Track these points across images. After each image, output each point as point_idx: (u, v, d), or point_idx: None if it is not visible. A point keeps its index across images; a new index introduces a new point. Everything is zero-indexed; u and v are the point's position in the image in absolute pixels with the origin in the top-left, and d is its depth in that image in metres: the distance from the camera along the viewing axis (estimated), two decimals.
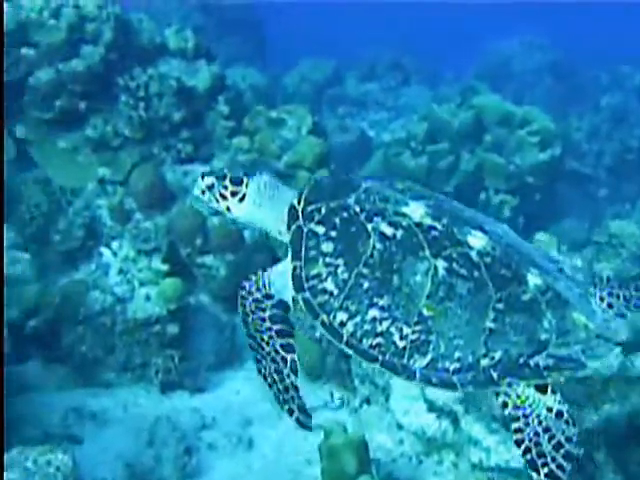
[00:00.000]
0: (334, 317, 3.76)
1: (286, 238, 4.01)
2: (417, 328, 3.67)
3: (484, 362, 3.64)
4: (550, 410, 3.65)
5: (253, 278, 4.02)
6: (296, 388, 3.90)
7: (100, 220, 8.88)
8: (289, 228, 3.97)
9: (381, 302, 3.72)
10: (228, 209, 4.17)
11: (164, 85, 9.68)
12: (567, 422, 3.63)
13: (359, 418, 7.58)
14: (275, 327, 3.92)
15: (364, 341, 3.72)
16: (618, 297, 4.01)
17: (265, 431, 7.61)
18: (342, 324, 3.75)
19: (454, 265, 3.71)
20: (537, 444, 3.59)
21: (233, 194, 4.13)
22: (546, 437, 3.59)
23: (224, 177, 4.13)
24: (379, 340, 3.70)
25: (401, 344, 3.68)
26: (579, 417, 4.89)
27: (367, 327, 3.72)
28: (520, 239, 4.08)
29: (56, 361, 7.78)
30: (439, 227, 3.77)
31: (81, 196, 9.19)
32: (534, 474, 3.57)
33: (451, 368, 3.65)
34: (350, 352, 3.77)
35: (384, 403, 7.43)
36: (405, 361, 3.68)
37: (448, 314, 3.67)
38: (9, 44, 9.26)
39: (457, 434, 6.86)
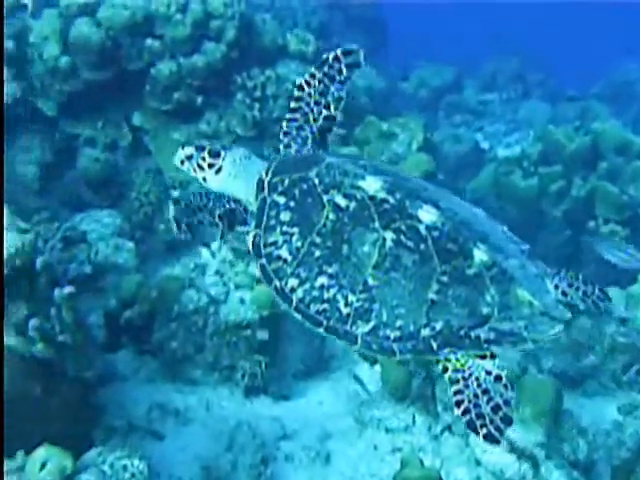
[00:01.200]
0: (286, 283, 3.92)
1: (254, 208, 4.18)
2: (362, 296, 3.80)
3: (425, 332, 3.75)
4: (489, 374, 3.74)
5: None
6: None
7: None
8: (256, 198, 4.15)
9: (330, 270, 3.86)
10: (204, 179, 4.34)
11: (280, 87, 9.76)
12: (505, 386, 3.72)
13: (439, 446, 7.49)
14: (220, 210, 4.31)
15: (311, 307, 3.86)
16: (577, 289, 4.06)
17: (344, 448, 7.58)
18: (292, 290, 3.90)
19: (402, 237, 3.82)
20: (476, 405, 3.67)
21: (210, 166, 4.32)
22: (485, 399, 3.68)
23: (203, 149, 4.32)
24: (325, 306, 3.84)
25: (345, 311, 3.81)
26: None
27: (315, 293, 3.87)
28: (486, 221, 4.18)
29: (147, 353, 7.93)
30: (391, 200, 3.89)
31: (189, 189, 9.33)
32: (473, 434, 3.64)
33: (392, 336, 3.77)
34: (298, 316, 3.90)
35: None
36: (348, 327, 3.81)
37: (392, 284, 3.79)
38: (136, 34, 9.48)
39: None
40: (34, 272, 5.80)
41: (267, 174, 4.15)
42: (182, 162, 4.35)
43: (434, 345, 3.75)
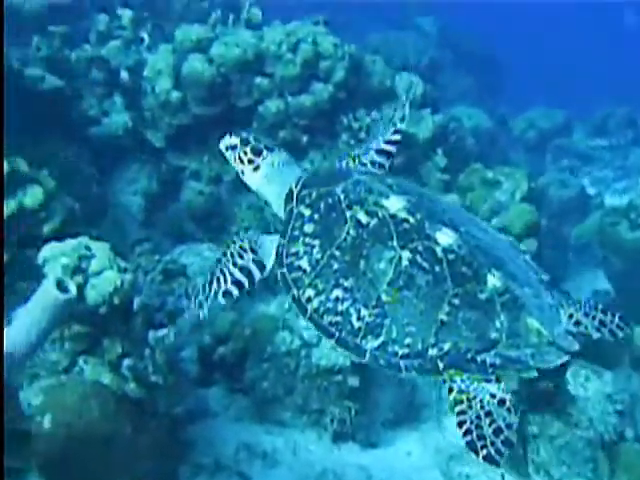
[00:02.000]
0: (303, 292, 4.03)
1: (282, 216, 4.34)
2: (374, 311, 3.88)
3: (432, 351, 3.80)
4: (493, 397, 3.76)
5: (251, 232, 4.31)
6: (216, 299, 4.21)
7: None
8: (285, 208, 4.31)
9: (346, 284, 3.96)
10: (242, 172, 4.51)
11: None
12: (509, 410, 3.74)
13: None
14: (237, 275, 4.22)
15: (325, 317, 3.95)
16: (594, 318, 4.10)
17: None
18: (309, 300, 4.01)
19: (417, 257, 3.90)
20: (478, 427, 3.68)
21: (250, 162, 4.47)
22: (487, 421, 3.69)
23: (247, 143, 4.48)
24: (338, 318, 3.92)
25: (357, 324, 3.89)
26: None
27: (330, 305, 3.96)
28: (508, 248, 4.25)
29: (238, 392, 7.96)
30: (412, 221, 3.98)
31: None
32: (473, 455, 3.65)
33: (400, 352, 3.83)
34: (311, 326, 4.01)
35: None
36: (358, 340, 3.88)
37: (405, 302, 3.86)
38: (246, 71, 9.60)
39: None
40: (131, 311, 5.89)
41: (297, 185, 4.32)
42: (226, 149, 4.53)
43: (440, 365, 3.81)
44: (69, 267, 5.58)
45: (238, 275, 4.23)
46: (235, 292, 4.22)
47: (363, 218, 4.04)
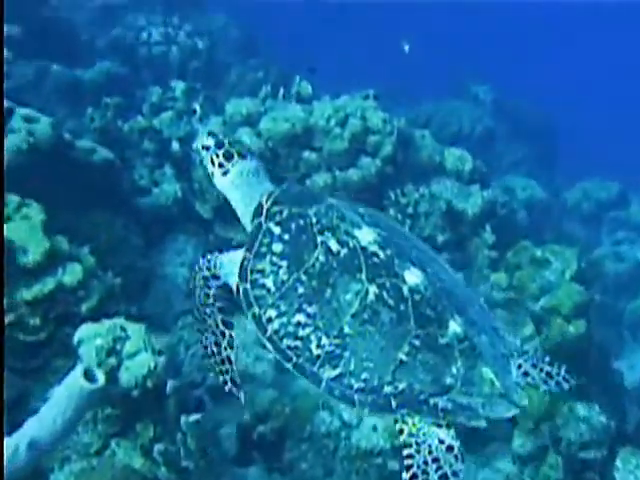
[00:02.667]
0: (265, 312, 3.99)
1: (248, 229, 4.32)
2: (335, 342, 3.87)
3: (387, 389, 3.81)
4: (442, 442, 3.77)
5: (208, 257, 4.36)
6: (230, 361, 4.20)
7: None
8: (252, 221, 4.28)
9: (309, 309, 3.93)
10: (212, 174, 4.52)
11: (433, 205, 9.65)
12: (456, 457, 3.74)
13: None
14: (217, 304, 4.24)
15: (284, 341, 3.93)
16: (541, 370, 4.15)
17: None
18: (269, 320, 3.96)
19: (384, 293, 3.91)
20: (424, 472, 3.68)
21: (220, 165, 4.48)
22: (434, 467, 3.70)
23: (221, 146, 4.50)
24: (297, 343, 3.91)
25: (316, 352, 3.88)
26: None
27: (290, 329, 3.93)
28: (467, 291, 4.32)
29: (276, 471, 7.83)
30: (382, 255, 4.01)
31: None
32: None
33: (355, 386, 3.82)
34: (270, 347, 3.97)
35: None
36: (315, 369, 3.87)
37: (366, 336, 3.86)
38: (294, 145, 9.64)
39: None
40: (164, 395, 5.85)
41: (268, 200, 4.28)
42: (202, 148, 4.55)
43: (393, 404, 3.81)
44: (103, 349, 5.58)
45: (218, 305, 4.26)
46: (230, 321, 4.26)
47: (334, 246, 4.04)
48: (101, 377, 4.59)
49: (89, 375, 4.50)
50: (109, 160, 9.28)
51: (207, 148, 4.54)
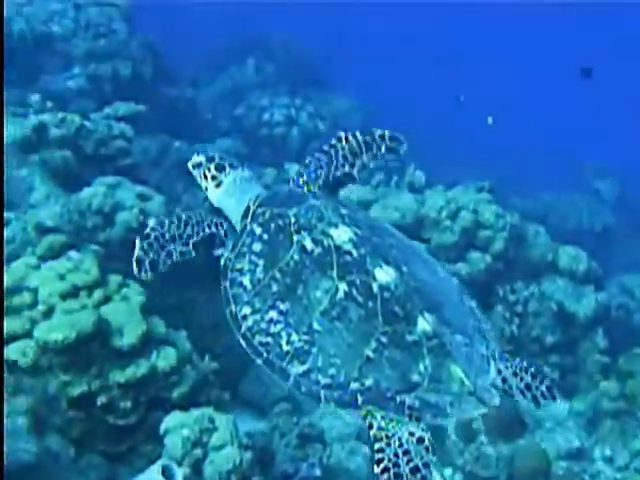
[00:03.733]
0: (240, 309, 4.06)
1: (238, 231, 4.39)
2: (304, 338, 3.89)
3: (353, 385, 3.81)
4: (412, 435, 3.75)
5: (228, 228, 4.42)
6: (170, 255, 4.30)
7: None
8: (241, 223, 4.37)
9: (281, 307, 3.99)
10: (206, 189, 4.60)
11: (544, 305, 9.36)
12: (427, 449, 3.74)
13: None
14: (197, 237, 4.33)
15: (256, 337, 3.97)
16: (521, 379, 4.11)
17: None
18: (244, 317, 4.03)
19: (353, 290, 3.94)
20: (395, 465, 3.65)
21: (213, 178, 4.57)
22: (405, 459, 3.68)
23: (212, 160, 4.60)
24: (269, 339, 3.94)
25: (286, 348, 3.90)
26: None
27: (263, 325, 3.98)
28: (453, 294, 4.25)
29: None
30: (354, 254, 4.05)
31: None
32: None
33: (322, 382, 3.84)
34: (243, 344, 4.00)
35: None
36: (284, 364, 3.88)
37: (334, 333, 3.88)
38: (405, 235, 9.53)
39: None
40: None
41: (255, 202, 4.40)
42: (193, 167, 4.62)
43: (359, 399, 3.81)
44: (189, 440, 5.51)
45: (197, 238, 4.32)
46: (190, 253, 4.33)
47: (308, 245, 4.12)
48: (179, 475, 4.50)
49: (167, 473, 4.42)
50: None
51: (199, 165, 4.63)
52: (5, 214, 7.47)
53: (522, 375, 4.12)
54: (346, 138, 4.51)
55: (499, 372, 4.08)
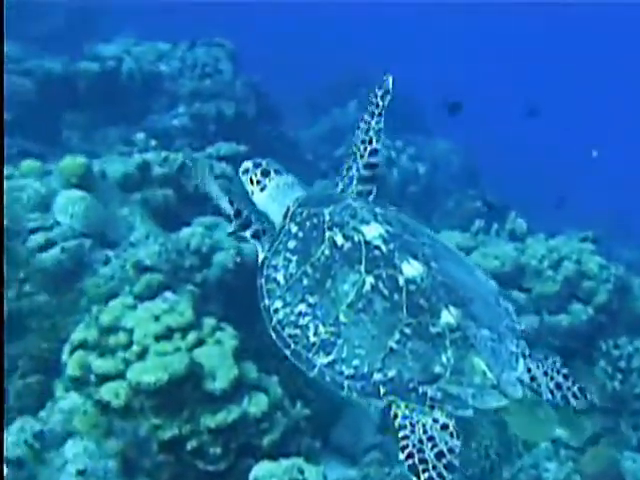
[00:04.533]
0: (272, 303, 4.22)
1: None
2: (330, 329, 4.00)
3: (377, 376, 3.88)
4: (436, 421, 3.78)
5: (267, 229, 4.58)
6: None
7: None
8: (281, 224, 4.56)
9: (311, 300, 4.12)
10: (252, 193, 4.77)
11: None
12: (451, 434, 3.75)
13: None
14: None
15: (286, 329, 4.11)
16: (552, 379, 4.16)
17: None
18: (276, 311, 4.19)
19: (380, 284, 4.03)
20: (420, 451, 3.69)
21: (258, 182, 4.76)
22: (429, 445, 3.71)
23: (258, 166, 4.79)
24: (297, 331, 4.07)
25: (313, 339, 4.02)
26: None
27: (292, 318, 4.12)
28: (486, 293, 4.31)
29: None
30: (383, 249, 4.15)
31: (529, 452, 8.75)
32: (414, 479, 3.64)
33: (346, 373, 3.91)
34: (273, 335, 4.15)
35: None
36: (311, 355, 4.00)
37: (359, 325, 3.97)
38: (503, 284, 9.31)
39: None
40: None
41: (294, 204, 4.59)
42: (242, 173, 4.82)
43: (382, 390, 3.86)
44: None
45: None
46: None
47: (339, 240, 4.24)
48: None
49: None
50: None
51: (246, 171, 4.81)
52: (106, 252, 7.59)
53: (553, 375, 4.17)
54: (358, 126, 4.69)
55: (529, 370, 4.12)
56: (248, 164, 4.85)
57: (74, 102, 13.70)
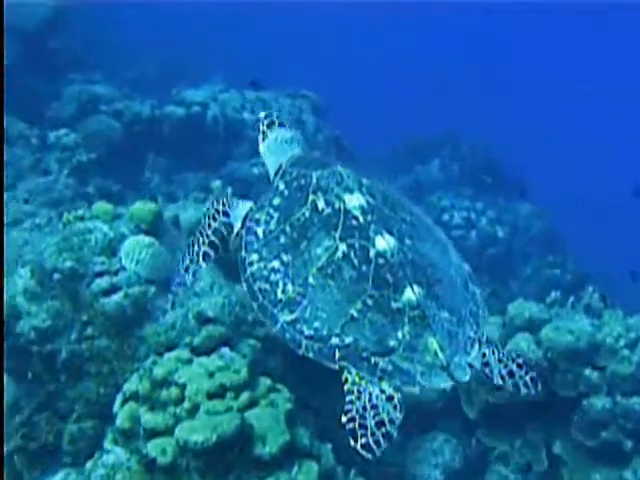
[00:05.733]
0: (249, 256, 4.45)
1: None
2: (298, 290, 4.23)
3: (334, 340, 4.10)
4: (383, 392, 3.99)
5: (229, 196, 4.94)
6: (198, 260, 4.85)
7: None
8: (273, 180, 4.84)
9: (284, 258, 4.33)
10: (258, 144, 5.16)
11: None
12: (395, 407, 3.96)
13: None
14: (211, 237, 4.87)
15: (257, 283, 4.35)
16: (505, 366, 4.35)
17: None
18: (250, 263, 4.42)
19: (351, 253, 4.24)
20: (362, 417, 3.89)
21: (262, 132, 5.11)
22: (372, 413, 3.91)
23: (269, 117, 5.14)
24: (267, 286, 4.31)
25: (280, 296, 4.26)
26: None
27: (265, 273, 4.35)
28: (456, 277, 4.51)
29: None
30: (361, 219, 4.36)
31: None
32: (352, 441, 3.86)
33: (306, 332, 4.14)
34: (244, 287, 4.41)
35: None
36: (275, 311, 4.24)
37: (326, 289, 4.18)
38: (575, 360, 8.97)
39: None
40: None
41: (288, 162, 4.85)
42: (255, 122, 5.26)
43: (336, 355, 4.09)
44: None
45: (212, 237, 4.84)
46: (212, 253, 4.86)
47: (320, 204, 4.44)
48: None
49: None
50: None
51: (258, 121, 5.22)
52: (170, 299, 7.54)
53: (508, 363, 4.36)
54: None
55: (484, 355, 4.32)
56: (261, 115, 5.21)
57: (158, 145, 13.92)
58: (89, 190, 11.60)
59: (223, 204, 4.92)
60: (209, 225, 4.90)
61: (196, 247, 4.88)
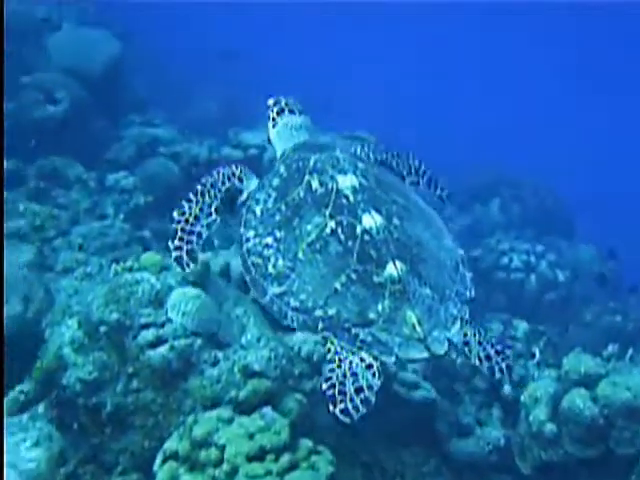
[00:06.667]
0: (246, 232, 4.67)
1: None
2: (287, 264, 4.44)
3: (318, 312, 4.32)
4: (363, 360, 4.18)
5: (243, 169, 5.11)
6: (200, 236, 4.92)
7: None
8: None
9: (278, 234, 4.56)
10: (269, 130, 5.31)
11: None
12: (374, 374, 4.16)
13: None
14: (223, 194, 5.01)
15: (251, 258, 4.57)
16: (484, 349, 4.48)
17: None
18: (247, 240, 4.64)
19: (339, 229, 4.47)
20: (341, 383, 4.07)
21: (272, 119, 5.26)
22: (351, 380, 4.09)
23: (278, 104, 5.29)
24: (259, 261, 4.53)
25: (270, 270, 4.47)
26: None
27: (259, 248, 4.57)
28: (446, 259, 4.67)
29: None
30: (351, 199, 4.58)
31: None
32: (331, 406, 4.05)
33: (292, 304, 4.37)
34: (240, 261, 4.61)
35: None
36: (265, 284, 4.46)
37: (313, 264, 4.40)
38: (632, 418, 8.70)
39: None
40: None
41: (292, 147, 5.08)
42: (267, 108, 5.31)
43: (320, 326, 4.31)
44: None
45: (224, 194, 4.99)
46: (221, 208, 4.97)
47: (314, 184, 4.66)
48: None
49: None
50: (429, 399, 9.01)
51: (269, 107, 5.31)
52: (215, 353, 7.48)
53: (487, 347, 4.49)
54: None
55: (465, 335, 4.47)
56: (270, 101, 5.34)
57: None
58: (145, 234, 11.65)
59: (240, 171, 5.11)
60: (223, 182, 5.04)
61: (207, 198, 4.99)
